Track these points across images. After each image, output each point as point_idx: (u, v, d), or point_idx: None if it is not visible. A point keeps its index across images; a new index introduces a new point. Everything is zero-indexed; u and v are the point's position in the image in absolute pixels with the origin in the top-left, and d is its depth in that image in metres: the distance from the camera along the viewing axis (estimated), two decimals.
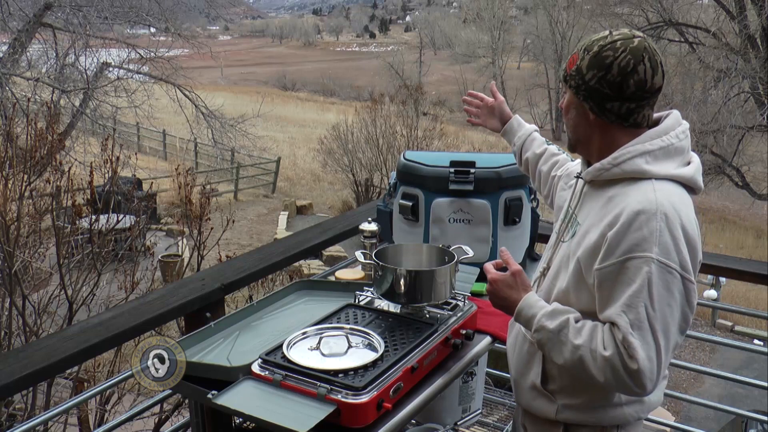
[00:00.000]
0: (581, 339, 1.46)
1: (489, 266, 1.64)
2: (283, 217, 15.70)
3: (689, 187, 1.52)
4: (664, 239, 1.41)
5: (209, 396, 1.42)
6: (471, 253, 1.84)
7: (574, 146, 1.63)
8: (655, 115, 1.57)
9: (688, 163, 1.53)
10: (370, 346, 1.57)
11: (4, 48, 11.57)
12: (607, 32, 1.52)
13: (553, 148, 2.02)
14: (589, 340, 1.45)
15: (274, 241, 10.34)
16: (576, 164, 1.88)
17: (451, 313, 1.77)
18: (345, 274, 2.19)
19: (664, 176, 1.49)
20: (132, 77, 13.08)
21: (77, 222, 4.47)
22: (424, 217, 2.22)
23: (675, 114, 1.56)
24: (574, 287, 1.54)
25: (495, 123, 2.12)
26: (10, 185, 4.27)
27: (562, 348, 1.48)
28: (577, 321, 1.50)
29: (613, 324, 1.44)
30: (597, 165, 1.54)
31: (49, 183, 4.60)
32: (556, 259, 1.63)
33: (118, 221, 4.83)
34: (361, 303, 1.82)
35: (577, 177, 1.66)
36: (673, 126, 1.53)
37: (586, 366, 1.45)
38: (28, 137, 4.94)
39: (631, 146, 1.51)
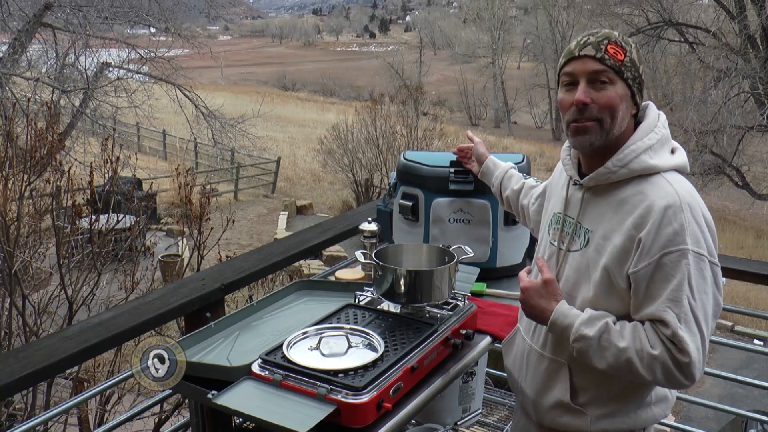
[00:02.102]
0: (625, 341, 1.46)
1: (522, 274, 1.64)
2: (283, 217, 15.70)
3: (682, 172, 1.56)
4: (693, 229, 1.43)
5: (209, 396, 1.42)
6: (471, 253, 1.84)
7: (606, 144, 1.52)
8: None
9: (673, 150, 1.56)
10: (370, 346, 1.57)
11: (4, 48, 11.56)
12: (606, 29, 1.55)
13: (531, 181, 2.02)
14: (633, 341, 1.45)
15: (274, 241, 10.34)
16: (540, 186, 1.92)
17: (451, 313, 1.76)
18: (345, 274, 2.19)
19: (667, 168, 1.52)
20: (132, 77, 13.09)
21: (77, 222, 4.47)
22: (424, 217, 2.21)
23: (652, 105, 1.60)
24: (605, 294, 1.52)
25: (474, 166, 2.15)
26: (10, 185, 4.28)
27: (605, 353, 1.47)
28: (614, 323, 1.50)
29: (657, 321, 1.44)
30: (602, 170, 1.53)
31: (49, 183, 4.60)
32: (568, 270, 1.60)
33: (118, 221, 4.83)
34: (361, 303, 1.82)
35: (575, 184, 1.62)
36: (656, 117, 1.57)
37: (633, 367, 1.44)
38: (28, 137, 4.94)
39: (633, 144, 1.52)
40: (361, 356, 1.52)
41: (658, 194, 1.46)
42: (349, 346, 1.55)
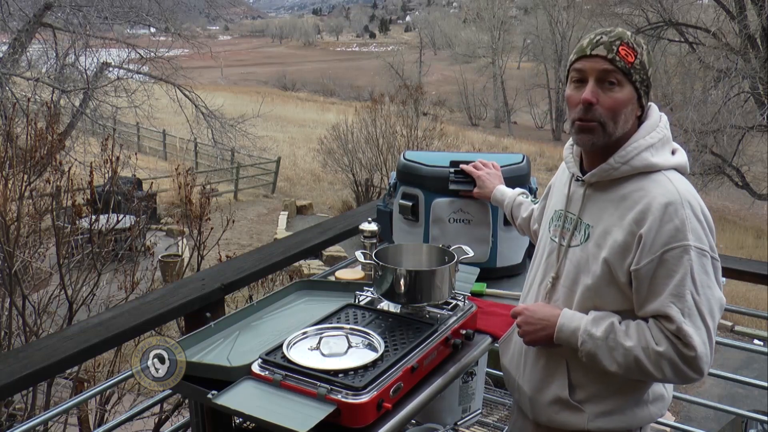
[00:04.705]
0: (631, 340, 1.47)
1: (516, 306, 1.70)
2: (283, 217, 15.70)
3: (682, 172, 1.57)
4: (694, 225, 1.45)
5: (209, 396, 1.42)
6: (471, 253, 1.84)
7: (609, 145, 1.53)
8: None
9: (674, 151, 1.58)
10: (370, 346, 1.57)
11: (4, 48, 11.58)
12: (619, 29, 1.54)
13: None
14: (638, 340, 1.47)
15: (274, 241, 10.34)
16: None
17: (451, 313, 1.76)
18: (345, 274, 2.19)
19: (668, 166, 1.53)
20: (132, 77, 13.10)
21: (77, 222, 4.47)
22: (424, 217, 2.21)
23: (654, 107, 1.61)
24: (604, 286, 1.54)
25: (483, 192, 2.12)
26: (10, 185, 4.28)
27: (613, 353, 1.49)
28: (620, 323, 1.51)
29: (661, 317, 1.46)
30: (604, 166, 1.54)
31: (49, 183, 4.60)
32: (569, 266, 1.61)
33: (118, 221, 4.83)
34: (361, 303, 1.82)
35: (578, 180, 1.63)
36: (658, 118, 1.58)
37: (642, 365, 1.46)
38: (28, 137, 4.94)
39: (635, 142, 1.53)
40: (361, 356, 1.52)
41: (658, 191, 1.48)
42: (349, 346, 1.55)
